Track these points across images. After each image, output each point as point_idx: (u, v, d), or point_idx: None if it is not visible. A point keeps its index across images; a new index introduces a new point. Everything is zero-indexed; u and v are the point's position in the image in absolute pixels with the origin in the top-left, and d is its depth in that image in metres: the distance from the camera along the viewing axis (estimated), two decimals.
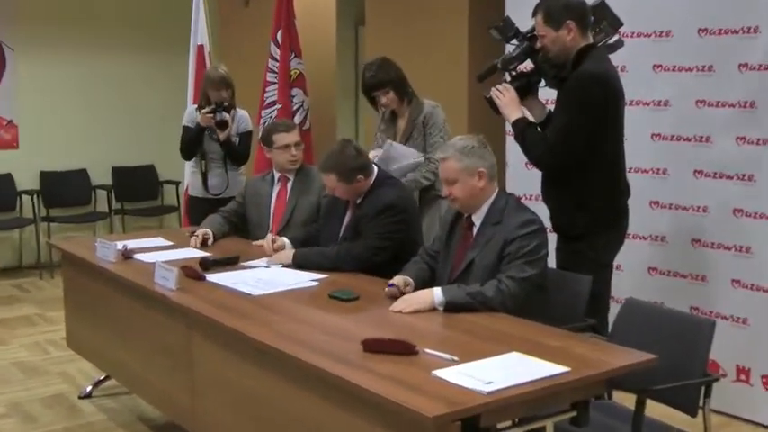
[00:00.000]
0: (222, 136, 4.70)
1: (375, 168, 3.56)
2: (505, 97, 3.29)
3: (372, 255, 3.36)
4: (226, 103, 4.70)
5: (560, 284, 2.96)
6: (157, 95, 7.55)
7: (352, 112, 8.24)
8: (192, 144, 4.79)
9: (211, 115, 4.68)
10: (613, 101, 3.14)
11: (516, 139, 3.28)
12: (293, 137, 4.04)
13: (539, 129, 3.27)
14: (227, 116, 4.69)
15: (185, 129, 4.84)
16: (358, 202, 3.52)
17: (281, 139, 4.05)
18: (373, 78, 4.07)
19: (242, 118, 4.85)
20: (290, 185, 4.09)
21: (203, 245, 3.92)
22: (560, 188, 3.23)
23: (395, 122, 4.17)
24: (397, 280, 2.91)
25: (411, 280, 2.93)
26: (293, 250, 3.55)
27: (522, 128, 3.24)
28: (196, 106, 4.84)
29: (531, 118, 3.34)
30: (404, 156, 4.06)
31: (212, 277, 3.27)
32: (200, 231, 3.99)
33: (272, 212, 4.05)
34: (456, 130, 4.00)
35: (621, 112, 3.22)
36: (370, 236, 3.38)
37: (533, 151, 3.21)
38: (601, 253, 3.19)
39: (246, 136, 4.83)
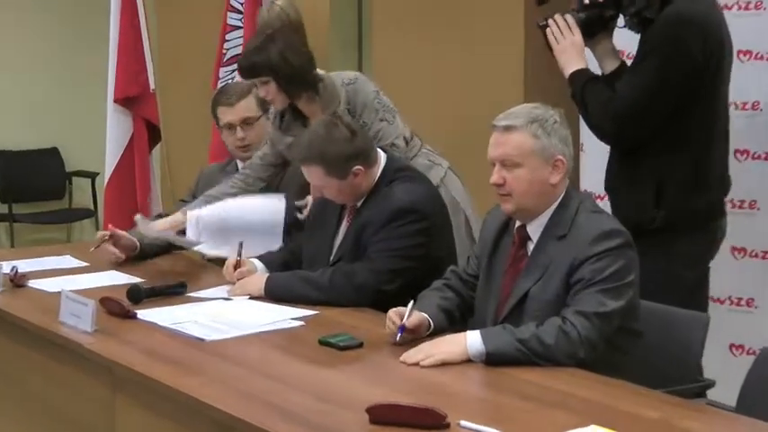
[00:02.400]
0: None
1: (382, 154, 3.56)
2: (566, 40, 3.35)
3: (381, 282, 3.37)
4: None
5: (661, 324, 2.98)
6: (63, 53, 7.58)
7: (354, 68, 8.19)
8: None
9: None
10: (714, 55, 3.19)
11: (573, 97, 3.39)
12: (239, 112, 4.06)
13: (605, 86, 3.37)
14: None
15: None
16: (358, 205, 3.54)
17: (223, 114, 4.09)
18: (245, 60, 3.98)
19: None
20: None
21: (119, 250, 3.94)
22: (630, 170, 3.28)
23: (305, 125, 3.99)
24: (393, 319, 2.91)
25: (426, 317, 2.96)
26: (266, 275, 3.55)
27: (581, 83, 3.32)
28: None
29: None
30: (251, 213, 3.94)
31: (146, 314, 3.27)
32: (104, 233, 4.03)
33: None
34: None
35: (726, 74, 3.27)
36: (377, 255, 3.40)
37: (595, 116, 3.30)
38: (678, 265, 3.25)
39: None
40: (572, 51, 3.37)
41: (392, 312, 2.94)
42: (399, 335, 2.88)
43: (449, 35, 5.46)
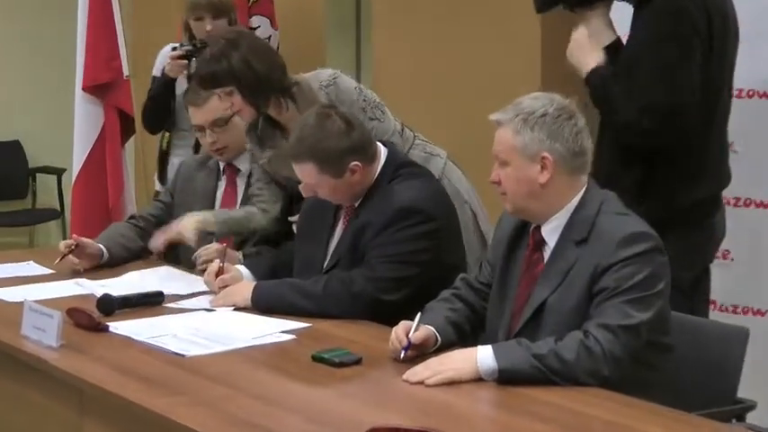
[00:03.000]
0: None
1: (382, 149, 3.55)
2: (578, 34, 3.45)
3: (381, 291, 3.37)
4: (207, 47, 4.70)
5: (694, 337, 2.98)
6: (25, 35, 7.57)
7: (352, 59, 8.20)
8: (153, 106, 4.93)
9: (184, 61, 4.76)
10: (717, 29, 3.26)
11: (594, 94, 3.43)
12: (207, 113, 4.04)
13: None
14: None
15: (153, 81, 5.00)
16: (356, 205, 3.54)
17: (192, 115, 4.11)
18: (204, 68, 3.92)
19: None
20: (240, 181, 4.13)
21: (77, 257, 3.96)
22: (614, 153, 3.37)
23: (284, 136, 3.97)
24: (399, 335, 2.91)
25: (432, 331, 2.95)
26: (252, 283, 3.54)
27: (603, 77, 3.37)
28: (176, 45, 4.95)
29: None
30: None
31: (119, 327, 3.28)
32: (68, 242, 4.03)
33: None
34: None
35: (730, 56, 3.34)
36: (377, 261, 3.40)
37: (624, 111, 3.32)
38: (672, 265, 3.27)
39: None
40: (586, 46, 3.45)
41: (400, 328, 2.93)
42: (404, 353, 2.88)
43: (457, 23, 5.44)
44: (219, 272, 3.66)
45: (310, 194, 3.56)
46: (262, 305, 3.43)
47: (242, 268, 3.72)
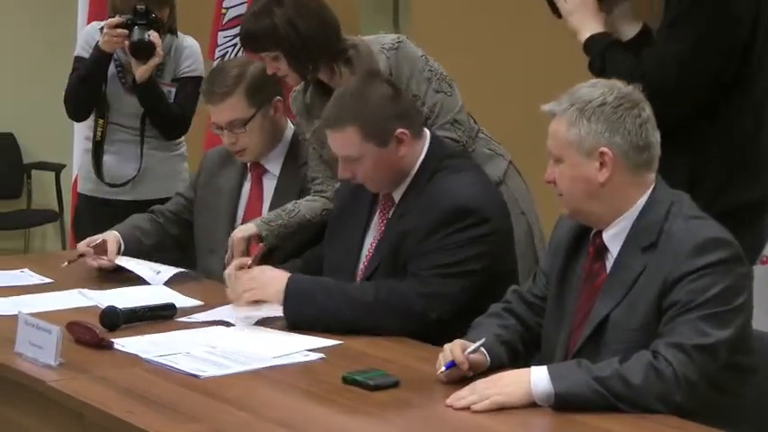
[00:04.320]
0: (141, 73, 4.74)
1: (427, 133, 3.56)
2: None
3: (437, 309, 3.35)
4: (153, 14, 4.74)
5: None
6: (21, 20, 7.64)
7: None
8: (85, 88, 4.85)
9: (121, 31, 4.69)
10: (764, 30, 3.31)
11: (592, 66, 3.46)
12: (222, 114, 4.02)
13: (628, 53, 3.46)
14: (152, 35, 4.71)
15: (77, 62, 4.92)
16: (397, 200, 3.54)
17: (209, 110, 4.09)
18: (244, 30, 3.96)
19: (188, 50, 4.96)
20: (268, 182, 4.13)
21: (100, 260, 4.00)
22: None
23: None
24: (455, 351, 2.91)
25: (483, 351, 2.96)
26: (287, 274, 3.47)
27: (600, 48, 3.41)
28: (101, 25, 4.91)
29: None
30: None
31: (125, 344, 3.28)
32: (86, 241, 4.06)
33: (238, 221, 4.13)
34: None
35: None
36: (428, 273, 3.39)
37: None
38: None
39: (191, 84, 4.91)
40: (584, 11, 3.44)
41: (456, 347, 2.90)
42: (445, 368, 2.87)
43: (507, 7, 5.42)
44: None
45: (348, 176, 3.54)
46: (294, 304, 3.39)
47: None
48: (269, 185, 4.14)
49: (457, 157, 3.58)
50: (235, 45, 5.98)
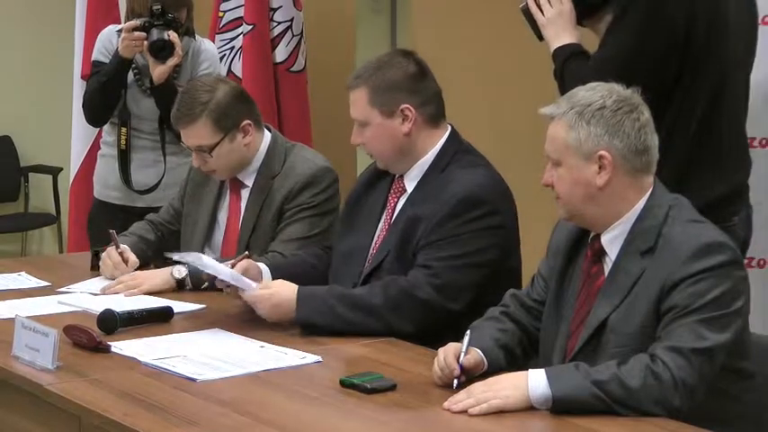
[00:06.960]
0: (160, 73, 4.71)
1: (448, 127, 3.59)
2: (553, 9, 3.47)
3: (449, 299, 3.37)
4: (170, 15, 4.73)
5: None
6: (18, 21, 7.63)
7: (386, 46, 8.13)
8: (105, 94, 4.83)
9: (139, 34, 4.67)
10: (702, 20, 3.32)
11: (555, 76, 3.52)
12: (189, 139, 3.99)
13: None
14: (171, 35, 4.70)
15: (95, 66, 4.90)
16: (410, 189, 3.56)
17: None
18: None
19: (205, 53, 4.97)
20: (245, 194, 4.12)
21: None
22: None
23: None
24: (448, 358, 2.90)
25: (480, 355, 2.96)
26: (294, 286, 3.44)
27: (562, 57, 3.44)
28: (118, 27, 4.90)
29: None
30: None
31: (123, 347, 3.28)
32: (113, 249, 4.01)
33: (217, 233, 4.20)
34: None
35: (722, 48, 3.39)
36: (439, 263, 3.40)
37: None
38: None
39: None
40: (560, 23, 3.48)
41: (449, 353, 2.91)
42: (457, 382, 2.85)
43: (507, 8, 5.43)
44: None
45: (359, 141, 3.57)
46: (307, 316, 3.37)
47: (261, 266, 3.66)
48: (246, 198, 4.12)
49: (472, 154, 3.60)
50: (232, 48, 6.01)
